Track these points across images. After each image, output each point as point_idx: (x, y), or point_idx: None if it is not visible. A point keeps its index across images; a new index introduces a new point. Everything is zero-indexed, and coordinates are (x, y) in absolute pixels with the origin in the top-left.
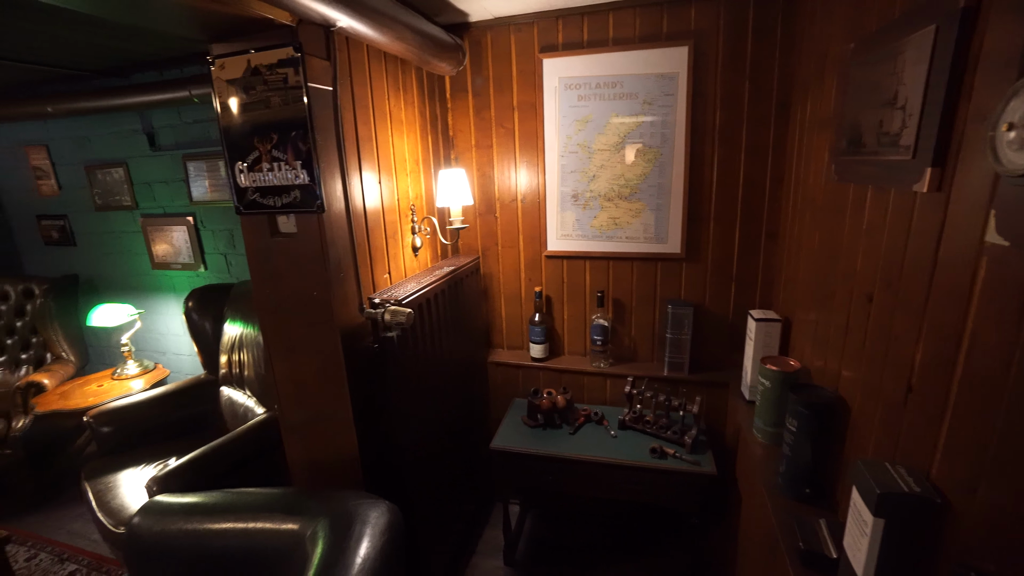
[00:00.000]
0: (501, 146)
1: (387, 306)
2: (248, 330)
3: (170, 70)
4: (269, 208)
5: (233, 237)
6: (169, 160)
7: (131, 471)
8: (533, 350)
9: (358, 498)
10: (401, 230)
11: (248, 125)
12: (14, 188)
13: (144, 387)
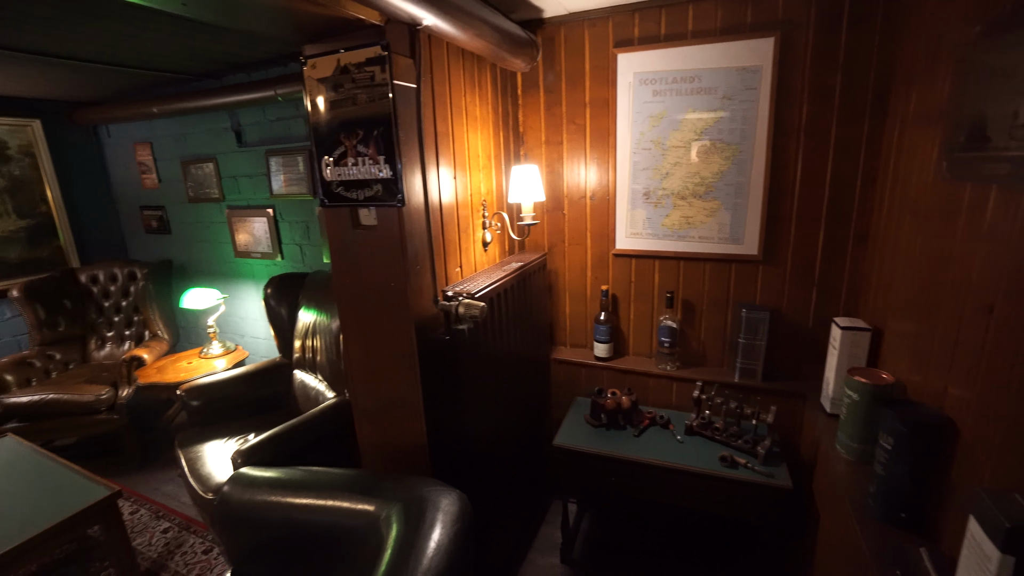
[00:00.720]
0: (571, 142)
1: (461, 299)
2: (321, 318)
3: (257, 71)
4: (352, 201)
5: (308, 229)
6: (253, 156)
7: (215, 443)
8: (597, 349)
9: (429, 484)
10: (472, 225)
11: (335, 121)
12: (124, 181)
13: (226, 366)
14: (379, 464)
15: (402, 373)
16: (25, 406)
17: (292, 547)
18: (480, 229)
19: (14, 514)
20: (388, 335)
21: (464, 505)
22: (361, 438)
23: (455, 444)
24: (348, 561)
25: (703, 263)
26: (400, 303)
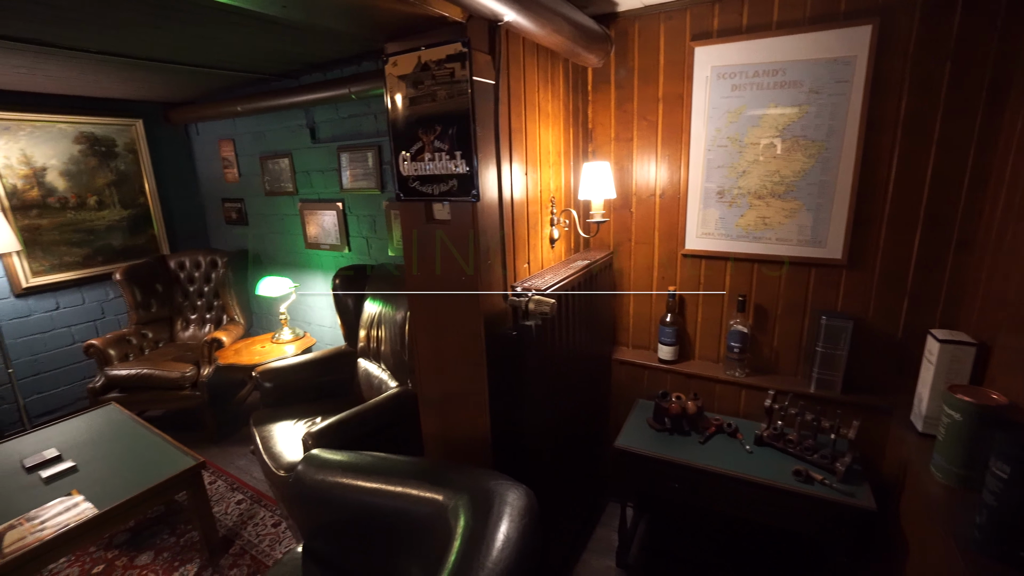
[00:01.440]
0: (642, 139)
1: (531, 295)
2: (386, 309)
3: (332, 71)
4: (427, 196)
5: (375, 222)
6: (325, 151)
7: (285, 423)
8: (661, 351)
9: (495, 477)
10: (541, 221)
11: (414, 117)
12: (209, 176)
13: (295, 352)
14: (441, 454)
15: (469, 367)
16: (124, 379)
17: (360, 528)
18: (548, 226)
19: (119, 474)
20: (456, 328)
21: (531, 500)
22: (425, 428)
23: (517, 439)
24: (414, 546)
25: (780, 266)
26: (470, 297)
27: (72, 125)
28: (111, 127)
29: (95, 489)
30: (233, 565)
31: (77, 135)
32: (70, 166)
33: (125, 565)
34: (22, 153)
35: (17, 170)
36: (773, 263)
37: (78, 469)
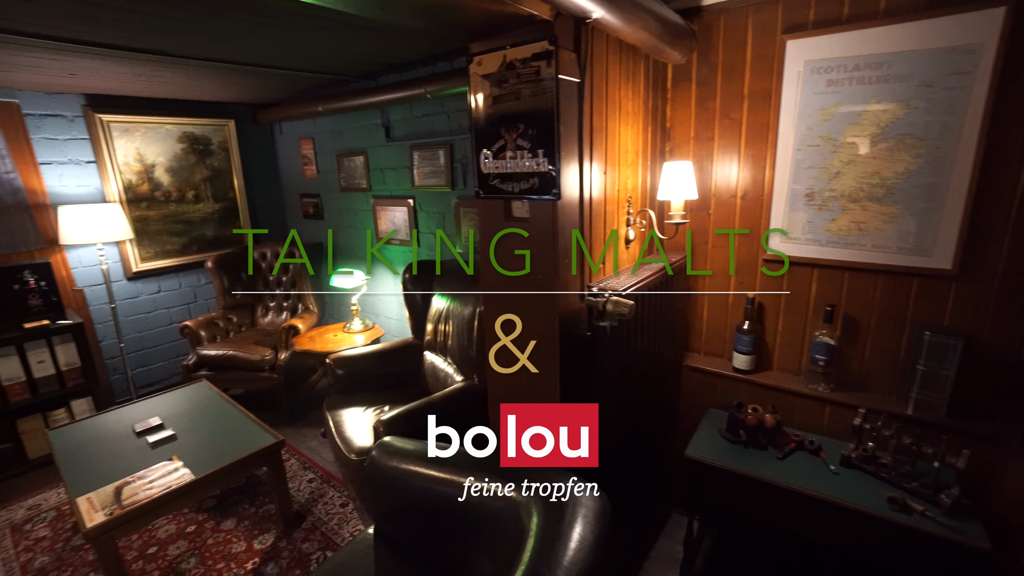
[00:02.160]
0: (724, 138)
1: (609, 296)
2: (453, 305)
3: (408, 71)
4: (507, 193)
5: (444, 219)
6: (398, 149)
7: (355, 409)
8: (737, 360)
9: (568, 477)
10: (617, 221)
11: (497, 116)
12: (289, 172)
13: (364, 342)
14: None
15: (540, 364)
16: (213, 358)
17: (430, 515)
18: (624, 226)
19: (210, 445)
20: (529, 325)
21: (605, 503)
22: (493, 423)
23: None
24: (484, 538)
25: (875, 275)
26: (545, 295)
27: (176, 126)
28: (207, 127)
29: (191, 456)
30: (305, 539)
31: (180, 135)
32: (173, 163)
33: (212, 528)
34: (137, 152)
35: (133, 167)
36: (868, 272)
37: (177, 437)
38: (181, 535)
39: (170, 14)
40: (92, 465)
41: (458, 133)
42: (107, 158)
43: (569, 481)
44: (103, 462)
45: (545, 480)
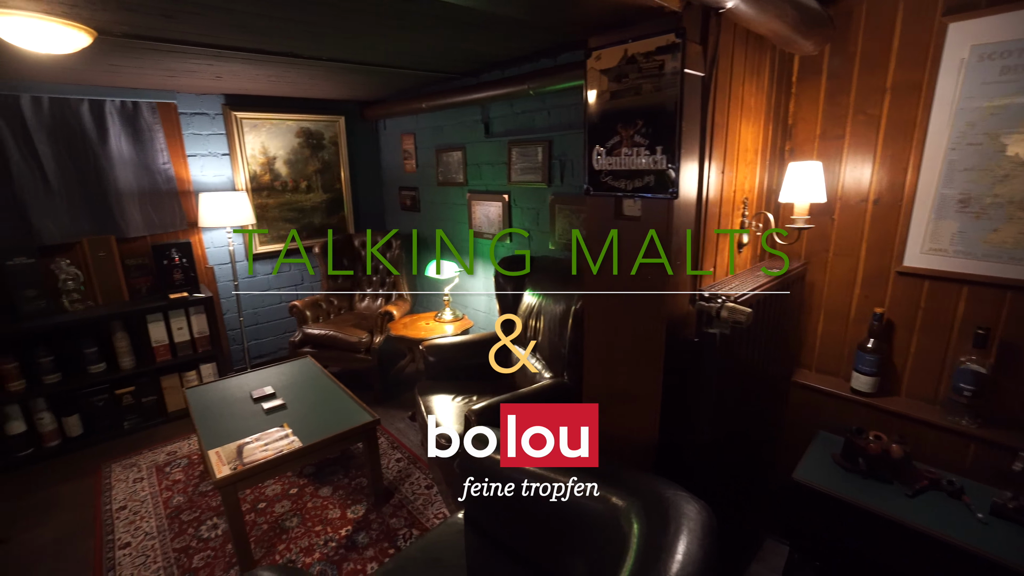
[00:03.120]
0: (856, 136)
1: (724, 302)
2: (545, 302)
3: (510, 68)
4: (619, 191)
5: (538, 215)
6: (497, 145)
7: (443, 396)
8: (856, 380)
9: (669, 486)
10: (731, 223)
11: (613, 111)
12: (390, 166)
13: (454, 332)
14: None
15: (643, 368)
16: (316, 337)
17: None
18: (738, 229)
19: (315, 417)
20: (634, 328)
21: (711, 518)
22: None
23: (682, 450)
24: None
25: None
26: (653, 298)
27: (295, 122)
28: (321, 123)
29: (299, 425)
30: (392, 515)
31: (298, 130)
32: (291, 156)
33: (311, 493)
34: (262, 145)
35: (258, 159)
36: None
37: (287, 407)
38: (285, 495)
39: (309, 19)
40: (218, 423)
41: (557, 129)
42: (238, 151)
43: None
44: (227, 422)
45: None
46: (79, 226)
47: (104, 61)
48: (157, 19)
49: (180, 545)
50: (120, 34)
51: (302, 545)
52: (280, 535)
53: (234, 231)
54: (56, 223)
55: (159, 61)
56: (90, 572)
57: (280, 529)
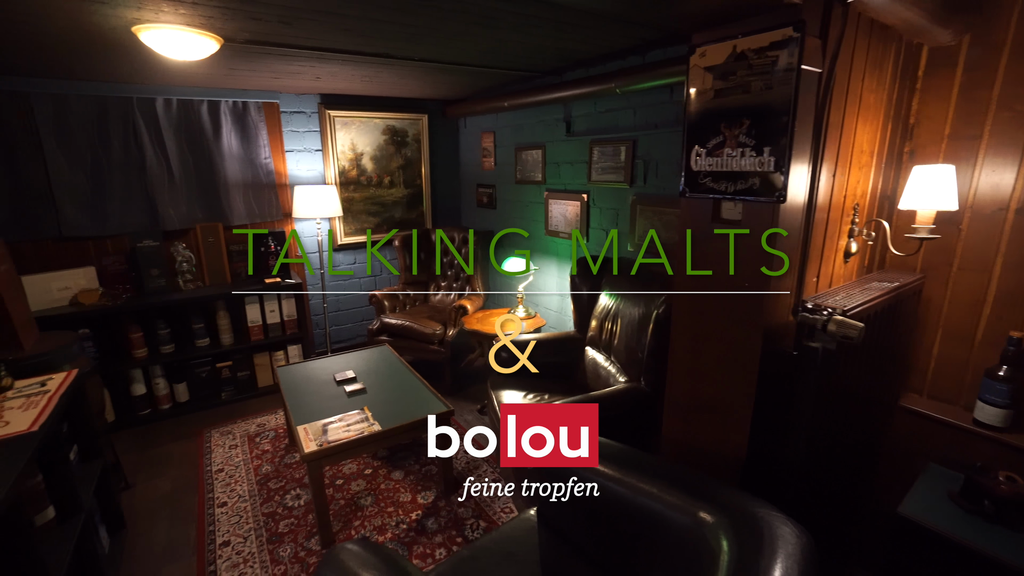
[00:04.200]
0: (998, 136)
1: (832, 314)
2: (623, 304)
3: (595, 67)
4: (718, 193)
5: (617, 216)
6: (578, 144)
7: (514, 392)
8: (982, 411)
9: (762, 505)
10: (840, 231)
11: (717, 110)
12: (468, 163)
13: (526, 329)
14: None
15: (733, 379)
16: (393, 327)
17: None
18: (845, 237)
19: (392, 402)
20: (726, 336)
21: (812, 544)
22: (667, 430)
23: (772, 468)
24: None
25: None
26: (751, 306)
27: (382, 120)
28: (405, 121)
29: (377, 409)
30: (461, 505)
31: (384, 128)
32: (376, 152)
33: (384, 476)
34: (351, 142)
35: (346, 155)
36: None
37: (367, 391)
38: (360, 475)
39: (410, 21)
40: (305, 401)
41: (643, 129)
42: (330, 147)
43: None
44: (312, 401)
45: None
46: (194, 214)
47: (224, 65)
48: (276, 26)
49: (268, 510)
50: (243, 40)
51: (375, 524)
52: (355, 512)
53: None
54: (176, 211)
55: (269, 64)
56: (195, 524)
57: (356, 506)
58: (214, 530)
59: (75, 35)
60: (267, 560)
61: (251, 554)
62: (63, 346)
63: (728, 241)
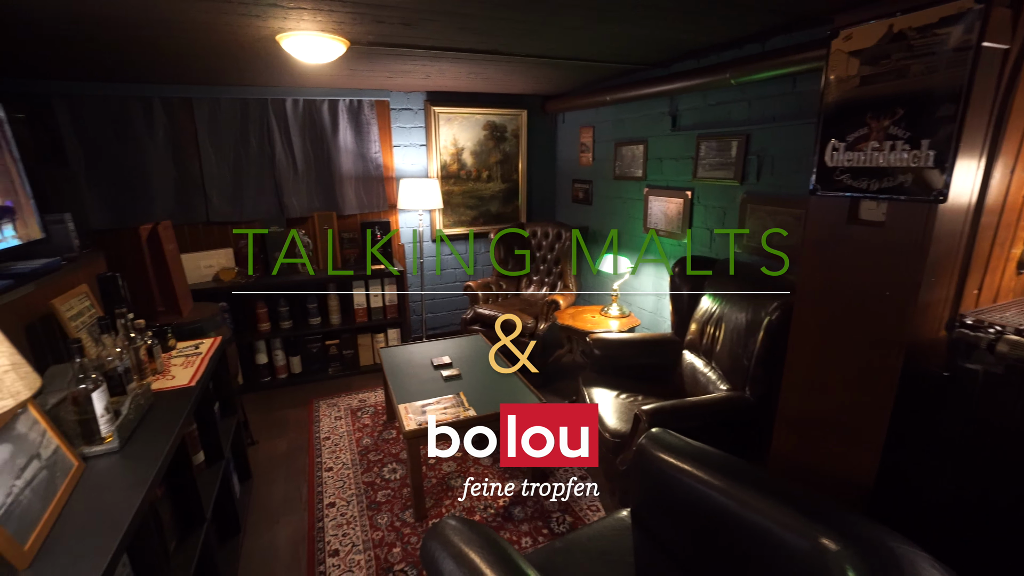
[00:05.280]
0: None
1: (1004, 333)
2: (728, 308)
3: (707, 57)
4: (858, 191)
5: (724, 215)
6: (683, 139)
7: (605, 391)
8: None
9: (900, 541)
10: (1012, 237)
11: (863, 99)
12: (565, 159)
13: (618, 328)
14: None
15: (863, 396)
16: (485, 316)
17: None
18: (1021, 245)
19: (485, 389)
20: (858, 349)
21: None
22: (776, 445)
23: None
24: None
25: None
26: (891, 317)
27: (483, 116)
28: (505, 116)
29: (472, 395)
30: (547, 497)
31: (484, 123)
32: (476, 147)
33: (474, 460)
34: (453, 137)
35: (448, 150)
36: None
37: (462, 377)
38: (452, 457)
39: (523, 17)
40: (404, 382)
41: (758, 123)
42: (433, 142)
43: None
44: (411, 382)
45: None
46: (312, 203)
47: (345, 67)
48: (398, 27)
49: (367, 480)
50: (367, 43)
51: (464, 505)
52: (446, 491)
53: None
54: (298, 200)
55: (386, 64)
56: (306, 483)
57: (446, 486)
58: (322, 491)
59: (230, 46)
60: (367, 525)
61: (353, 517)
62: (211, 316)
63: (865, 245)
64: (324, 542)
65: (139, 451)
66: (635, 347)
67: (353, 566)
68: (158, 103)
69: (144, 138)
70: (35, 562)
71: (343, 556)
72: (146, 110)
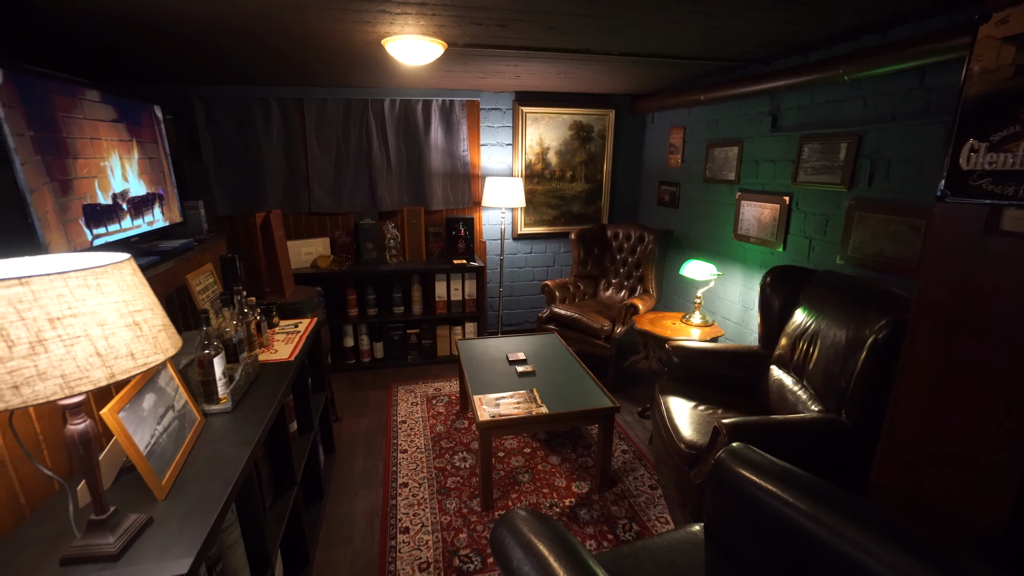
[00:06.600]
0: None
1: None
2: (825, 324)
3: (815, 51)
4: (1001, 198)
5: (827, 223)
6: (784, 140)
7: (682, 400)
8: None
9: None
10: None
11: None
12: (653, 160)
13: (700, 337)
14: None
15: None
16: (562, 317)
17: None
18: None
19: (559, 389)
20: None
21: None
22: (880, 477)
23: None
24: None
25: None
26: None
27: (569, 116)
28: (592, 116)
29: (545, 393)
30: (614, 503)
31: (571, 123)
32: (562, 147)
33: (542, 458)
34: (539, 137)
35: (533, 149)
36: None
37: (536, 374)
38: (520, 452)
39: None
40: (480, 374)
41: (874, 122)
42: (519, 142)
43: None
44: (486, 375)
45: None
46: (402, 198)
47: (440, 68)
48: (494, 29)
49: (439, 465)
50: (463, 44)
51: (530, 500)
52: (513, 485)
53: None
54: (390, 195)
55: (479, 64)
56: (383, 462)
57: (514, 480)
58: (396, 471)
59: (339, 50)
60: (436, 508)
61: (423, 499)
62: (309, 299)
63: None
64: (396, 519)
65: (247, 413)
66: (717, 357)
67: (421, 545)
68: (274, 103)
69: (261, 134)
70: (169, 496)
71: (412, 534)
72: (264, 109)
